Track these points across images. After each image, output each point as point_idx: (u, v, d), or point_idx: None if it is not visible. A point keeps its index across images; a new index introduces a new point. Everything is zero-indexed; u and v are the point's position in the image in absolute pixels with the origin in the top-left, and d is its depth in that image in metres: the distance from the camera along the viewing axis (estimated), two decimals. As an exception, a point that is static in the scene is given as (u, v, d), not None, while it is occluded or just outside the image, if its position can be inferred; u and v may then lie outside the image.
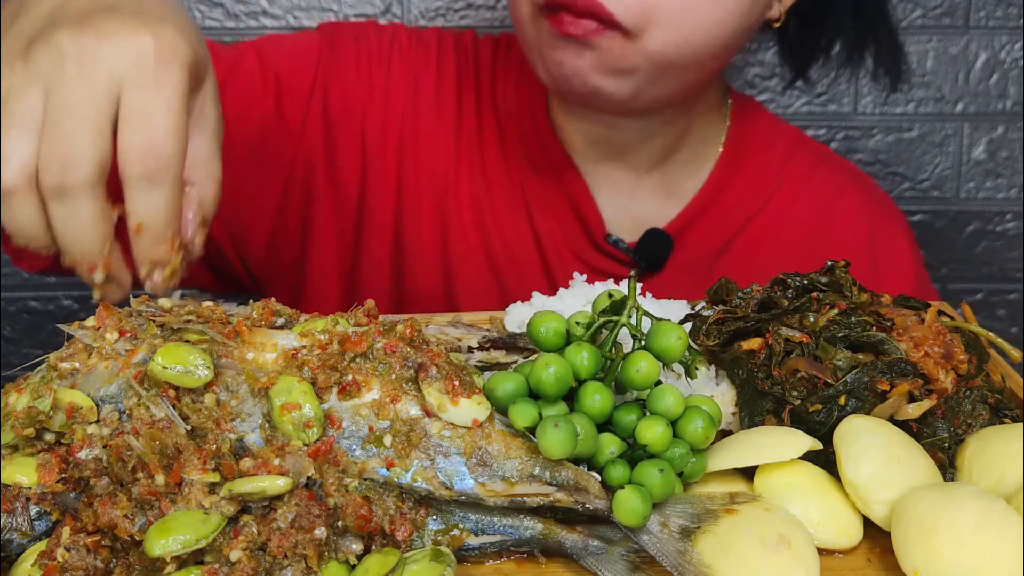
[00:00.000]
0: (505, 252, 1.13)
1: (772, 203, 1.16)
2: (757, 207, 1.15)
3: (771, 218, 1.15)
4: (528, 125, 1.13)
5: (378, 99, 1.13)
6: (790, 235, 1.15)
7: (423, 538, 0.61)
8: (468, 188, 1.13)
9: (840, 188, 1.19)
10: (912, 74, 1.64)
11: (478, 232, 1.13)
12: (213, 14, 1.62)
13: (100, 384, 0.62)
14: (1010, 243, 1.71)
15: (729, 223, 1.15)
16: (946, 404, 0.69)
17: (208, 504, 0.57)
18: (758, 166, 1.16)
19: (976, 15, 1.61)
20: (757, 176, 1.16)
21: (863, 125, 1.66)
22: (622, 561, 0.61)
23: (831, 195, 1.18)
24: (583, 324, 0.67)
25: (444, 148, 1.13)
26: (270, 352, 0.63)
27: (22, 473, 0.60)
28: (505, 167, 1.13)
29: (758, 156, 1.17)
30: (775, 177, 1.16)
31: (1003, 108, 1.64)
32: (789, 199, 1.16)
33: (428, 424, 0.61)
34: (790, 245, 1.15)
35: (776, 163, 1.17)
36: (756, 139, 1.17)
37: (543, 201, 1.13)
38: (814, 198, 1.17)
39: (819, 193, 1.18)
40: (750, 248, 1.15)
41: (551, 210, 1.13)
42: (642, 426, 0.62)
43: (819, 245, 1.15)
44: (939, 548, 0.57)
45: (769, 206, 1.16)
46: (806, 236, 1.16)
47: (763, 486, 0.64)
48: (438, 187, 1.13)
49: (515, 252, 1.13)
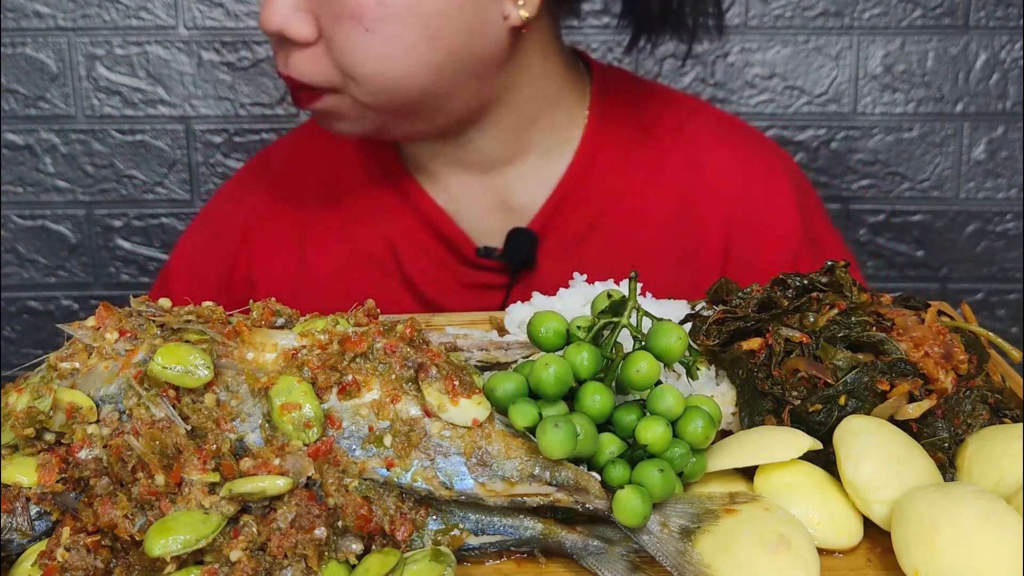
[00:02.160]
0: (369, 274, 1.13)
1: (639, 170, 1.12)
2: (625, 179, 1.12)
3: (639, 186, 1.12)
4: (379, 167, 1.13)
5: (241, 272, 1.16)
6: (660, 198, 1.12)
7: (423, 538, 0.61)
8: (325, 252, 1.14)
9: (708, 141, 1.14)
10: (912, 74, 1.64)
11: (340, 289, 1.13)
12: (213, 14, 1.62)
13: (100, 384, 0.62)
14: (1010, 243, 1.71)
15: (597, 200, 1.11)
16: (946, 404, 0.69)
17: (208, 504, 0.57)
18: (622, 138, 1.13)
19: (976, 15, 1.61)
20: (622, 148, 1.12)
21: (863, 125, 1.66)
22: (622, 561, 0.61)
23: (699, 149, 1.14)
24: (584, 328, 0.67)
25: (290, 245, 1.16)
26: (270, 352, 0.63)
27: (22, 473, 0.60)
28: (353, 220, 1.14)
29: (622, 127, 1.13)
30: (639, 143, 1.13)
31: (1003, 108, 1.65)
32: (656, 162, 1.13)
33: (428, 424, 0.61)
34: (660, 209, 1.12)
35: (642, 130, 1.13)
36: (620, 110, 1.13)
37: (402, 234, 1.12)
38: (681, 155, 1.13)
39: (685, 149, 1.13)
40: (621, 221, 1.12)
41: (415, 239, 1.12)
42: (642, 426, 0.62)
43: (690, 203, 1.12)
44: (939, 548, 0.57)
45: (636, 174, 1.12)
46: (675, 197, 1.12)
47: (763, 486, 0.64)
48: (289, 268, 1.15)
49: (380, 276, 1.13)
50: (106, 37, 1.62)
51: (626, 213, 1.12)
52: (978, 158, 1.67)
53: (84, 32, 1.61)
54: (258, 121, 1.66)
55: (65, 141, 1.66)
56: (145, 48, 1.62)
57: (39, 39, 1.61)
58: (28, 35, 1.61)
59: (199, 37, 1.62)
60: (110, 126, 1.65)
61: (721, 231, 1.11)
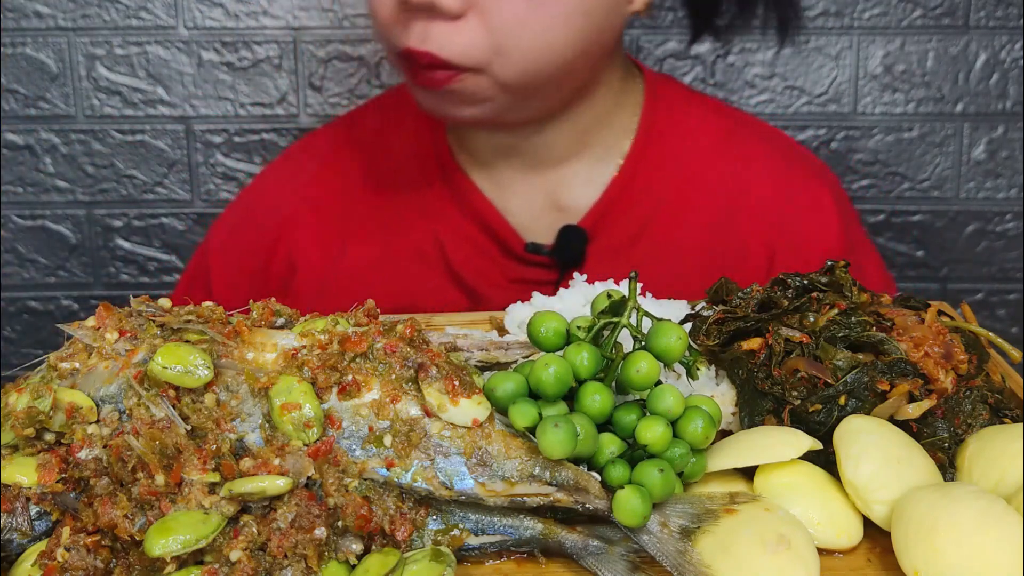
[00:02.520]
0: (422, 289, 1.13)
1: (682, 179, 1.13)
2: (670, 187, 1.13)
3: (682, 194, 1.13)
4: (429, 154, 1.13)
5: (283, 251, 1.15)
6: (702, 208, 1.13)
7: (423, 538, 0.61)
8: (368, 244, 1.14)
9: (751, 153, 1.15)
10: (912, 74, 1.63)
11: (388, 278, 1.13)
12: (213, 14, 1.62)
13: (100, 384, 0.62)
14: (1010, 243, 1.71)
15: (643, 206, 1.12)
16: (946, 404, 0.69)
17: (208, 504, 0.57)
18: (669, 146, 1.14)
19: (976, 15, 1.61)
20: (668, 155, 1.13)
21: (863, 125, 1.66)
22: (622, 561, 0.61)
23: (742, 161, 1.15)
24: (584, 328, 0.67)
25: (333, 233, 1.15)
26: (270, 352, 0.63)
27: (22, 473, 0.60)
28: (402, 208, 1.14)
29: (669, 135, 1.14)
30: (684, 152, 1.14)
31: (1003, 108, 1.64)
32: (699, 172, 1.13)
33: (428, 424, 0.61)
34: (703, 218, 1.13)
35: (688, 139, 1.14)
36: (669, 118, 1.15)
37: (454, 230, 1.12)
38: (724, 166, 1.14)
39: (729, 161, 1.14)
40: (665, 228, 1.12)
41: (463, 235, 1.12)
42: (642, 426, 0.62)
43: (732, 214, 1.13)
44: (939, 548, 0.57)
45: (680, 182, 1.13)
46: (718, 207, 1.13)
47: (763, 486, 0.64)
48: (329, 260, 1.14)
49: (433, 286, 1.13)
50: (106, 37, 1.62)
51: (672, 220, 1.13)
52: (978, 158, 1.67)
53: (84, 32, 1.61)
54: (258, 121, 1.66)
55: (65, 141, 1.66)
56: (145, 48, 1.62)
57: (39, 39, 1.61)
58: (28, 35, 1.61)
59: (199, 37, 1.62)
60: (110, 126, 1.65)
61: (765, 245, 1.12)
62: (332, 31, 1.62)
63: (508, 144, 1.10)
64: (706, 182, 1.13)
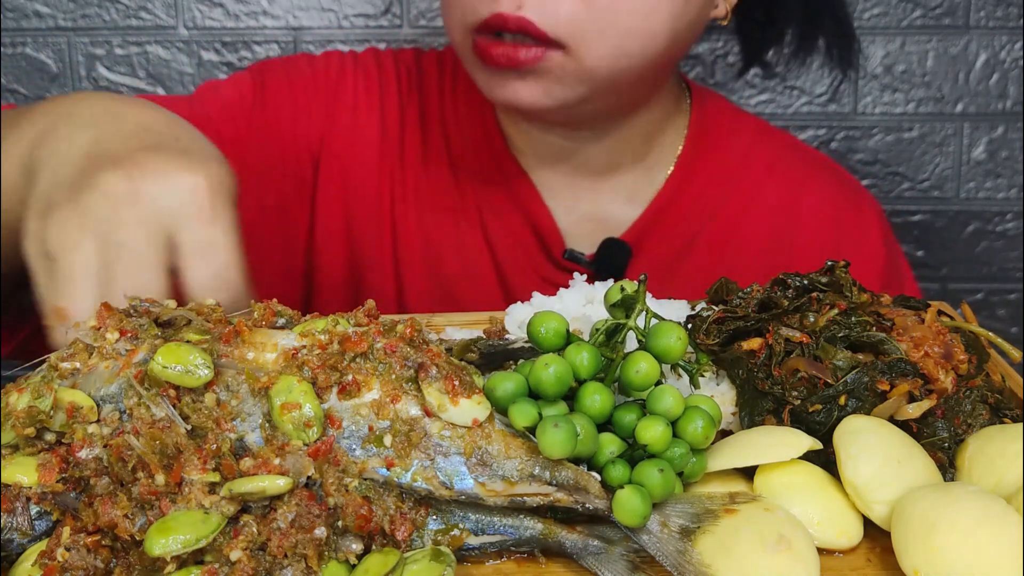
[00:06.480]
0: (457, 263, 1.12)
1: (733, 200, 1.13)
2: (718, 206, 1.13)
3: (733, 215, 1.13)
4: (480, 138, 1.12)
5: (316, 129, 1.11)
6: (754, 231, 1.13)
7: (423, 538, 0.61)
8: (414, 201, 1.12)
9: (804, 179, 1.16)
10: (912, 74, 1.63)
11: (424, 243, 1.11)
12: (213, 14, 1.62)
13: (100, 384, 0.62)
14: (1010, 243, 1.71)
15: (690, 224, 1.12)
16: (946, 404, 0.69)
17: (208, 504, 0.57)
18: (717, 164, 1.14)
19: (976, 15, 1.61)
20: (717, 174, 1.13)
21: (863, 125, 1.66)
22: (622, 561, 0.61)
23: (795, 186, 1.15)
24: (602, 330, 0.67)
25: (389, 167, 1.12)
26: (270, 352, 0.63)
27: (22, 473, 0.60)
28: (454, 180, 1.12)
29: (718, 153, 1.14)
30: (735, 173, 1.14)
31: (1003, 108, 1.65)
32: (751, 194, 1.14)
33: (428, 424, 0.61)
34: (754, 241, 1.13)
35: (737, 158, 1.14)
36: (717, 135, 1.15)
37: (497, 215, 1.12)
38: (777, 191, 1.14)
39: (782, 185, 1.15)
40: (713, 247, 1.13)
41: (506, 224, 1.12)
42: (642, 426, 0.62)
43: (784, 239, 1.13)
44: (939, 548, 0.57)
45: (730, 203, 1.13)
46: (770, 231, 1.13)
47: (763, 486, 0.64)
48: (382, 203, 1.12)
49: (468, 263, 1.12)
50: (106, 37, 1.62)
51: (718, 240, 1.12)
52: (978, 158, 1.67)
53: (84, 32, 1.61)
54: (258, 121, 1.66)
55: (65, 141, 1.66)
56: (145, 48, 1.62)
57: (39, 39, 1.61)
58: (28, 35, 1.61)
59: (199, 37, 1.62)
60: (110, 126, 1.65)
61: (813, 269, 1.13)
62: (332, 31, 1.62)
63: (560, 148, 1.09)
64: (759, 205, 1.13)
